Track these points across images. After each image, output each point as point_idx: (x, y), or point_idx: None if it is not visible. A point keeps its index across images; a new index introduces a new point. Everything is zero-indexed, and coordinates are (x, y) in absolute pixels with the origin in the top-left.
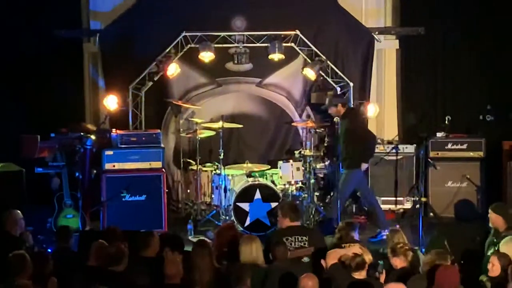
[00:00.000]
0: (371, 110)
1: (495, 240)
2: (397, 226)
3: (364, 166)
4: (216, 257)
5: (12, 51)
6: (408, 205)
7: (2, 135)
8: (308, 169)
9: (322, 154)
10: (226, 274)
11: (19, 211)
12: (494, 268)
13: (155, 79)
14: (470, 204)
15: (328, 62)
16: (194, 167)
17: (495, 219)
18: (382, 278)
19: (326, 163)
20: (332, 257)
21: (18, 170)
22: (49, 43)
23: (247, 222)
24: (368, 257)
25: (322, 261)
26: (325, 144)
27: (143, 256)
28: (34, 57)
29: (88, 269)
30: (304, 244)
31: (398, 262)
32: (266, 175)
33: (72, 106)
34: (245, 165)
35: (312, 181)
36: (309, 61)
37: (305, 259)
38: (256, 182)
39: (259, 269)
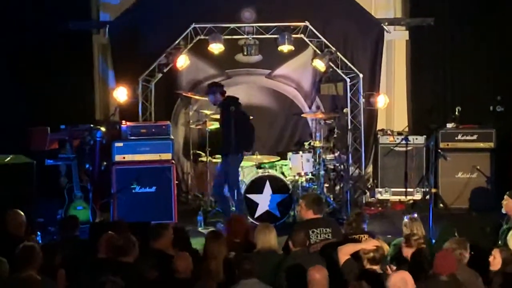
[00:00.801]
0: (381, 101)
1: (505, 227)
2: (415, 214)
3: (245, 154)
4: (228, 248)
5: (21, 43)
6: (418, 196)
7: (12, 128)
8: (317, 160)
9: (331, 145)
10: (234, 265)
11: (21, 212)
12: (495, 261)
13: (165, 71)
14: (481, 194)
15: (338, 53)
16: (204, 159)
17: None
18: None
19: (336, 154)
20: (344, 252)
21: (29, 162)
22: (59, 35)
23: (257, 214)
24: (386, 248)
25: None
26: (335, 136)
27: (155, 248)
28: (44, 49)
29: (98, 261)
30: (328, 236)
31: (410, 254)
32: (275, 167)
33: (82, 98)
34: (254, 156)
35: (322, 172)
36: (319, 52)
37: None
38: (266, 174)
39: (275, 255)
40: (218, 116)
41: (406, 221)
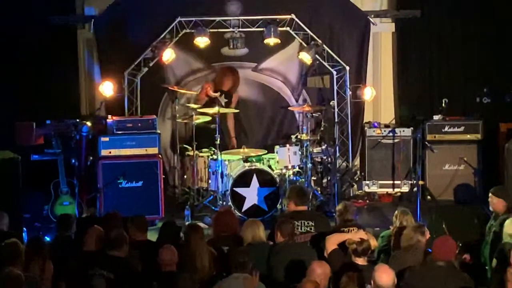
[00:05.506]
0: (367, 93)
1: (493, 223)
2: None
3: None
4: (215, 243)
5: (5, 38)
6: (405, 189)
7: None
8: (305, 153)
9: (318, 138)
10: (226, 259)
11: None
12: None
13: (151, 65)
14: (468, 186)
15: (324, 46)
16: (191, 153)
17: (496, 203)
18: None
19: (323, 147)
20: (331, 242)
21: (14, 157)
22: (44, 29)
23: (245, 207)
24: (374, 243)
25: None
26: (322, 128)
27: (137, 240)
28: (29, 44)
29: (86, 254)
30: (311, 229)
31: None
32: (263, 160)
33: (67, 93)
34: (241, 150)
35: (309, 165)
36: (305, 45)
37: None
38: (253, 167)
39: (264, 246)
40: (206, 110)
41: (397, 213)
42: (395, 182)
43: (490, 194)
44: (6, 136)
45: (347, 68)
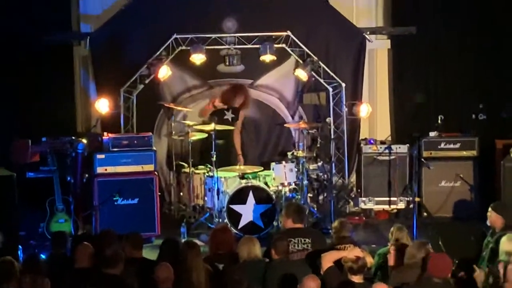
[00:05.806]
0: (363, 110)
1: (490, 239)
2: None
3: None
4: (211, 260)
5: (1, 55)
6: (401, 205)
7: None
8: (301, 170)
9: (314, 155)
10: (222, 277)
11: None
12: None
13: (146, 82)
14: (465, 203)
15: (320, 62)
16: (187, 170)
17: (494, 218)
18: None
19: (319, 164)
20: (327, 260)
21: (9, 175)
22: (39, 46)
23: (241, 224)
24: (370, 260)
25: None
26: (318, 145)
27: (133, 257)
28: (24, 61)
29: (80, 272)
30: (307, 246)
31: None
32: (259, 177)
33: (63, 110)
34: (237, 167)
35: (305, 182)
36: (301, 62)
37: None
38: (249, 184)
39: (260, 263)
40: (202, 127)
41: (393, 229)
42: (391, 198)
43: (489, 209)
44: (2, 153)
45: (343, 85)
